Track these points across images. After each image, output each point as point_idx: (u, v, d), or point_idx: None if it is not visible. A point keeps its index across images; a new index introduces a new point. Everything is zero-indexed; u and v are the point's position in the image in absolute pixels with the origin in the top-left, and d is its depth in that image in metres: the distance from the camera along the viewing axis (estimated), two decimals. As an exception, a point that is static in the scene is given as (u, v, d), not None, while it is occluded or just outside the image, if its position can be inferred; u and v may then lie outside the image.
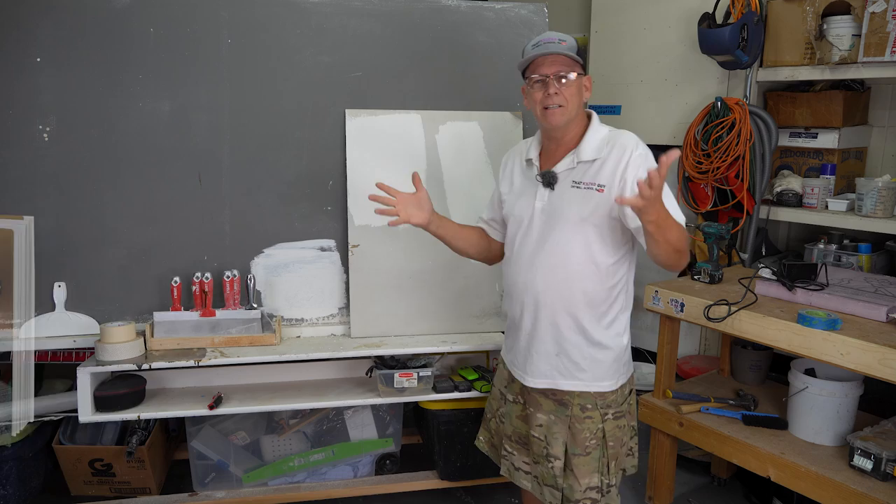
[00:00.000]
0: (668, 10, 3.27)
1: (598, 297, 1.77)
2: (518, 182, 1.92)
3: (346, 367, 2.62)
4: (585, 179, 1.73)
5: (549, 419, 1.84)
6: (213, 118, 2.49)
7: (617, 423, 1.82)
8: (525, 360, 1.87)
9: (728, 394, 2.61)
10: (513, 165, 1.97)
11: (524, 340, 1.87)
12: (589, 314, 1.77)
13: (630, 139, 1.73)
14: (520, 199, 1.88)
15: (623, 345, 1.83)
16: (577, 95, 1.74)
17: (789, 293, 2.27)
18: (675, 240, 1.61)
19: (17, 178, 2.35)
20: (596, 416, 1.80)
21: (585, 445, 1.80)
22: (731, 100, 2.89)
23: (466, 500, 2.74)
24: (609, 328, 1.80)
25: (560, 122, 1.74)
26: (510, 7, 2.74)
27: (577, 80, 1.73)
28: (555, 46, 1.71)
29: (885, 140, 2.97)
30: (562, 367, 1.81)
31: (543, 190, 1.80)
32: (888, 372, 1.84)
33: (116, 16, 2.41)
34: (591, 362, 1.79)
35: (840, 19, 2.66)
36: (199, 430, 2.60)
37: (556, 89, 1.71)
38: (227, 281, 2.41)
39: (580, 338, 1.78)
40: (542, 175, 1.80)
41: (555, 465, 1.82)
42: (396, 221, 1.89)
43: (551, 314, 1.79)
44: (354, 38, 2.59)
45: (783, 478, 2.17)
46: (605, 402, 1.81)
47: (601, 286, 1.76)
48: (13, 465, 2.48)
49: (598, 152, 1.74)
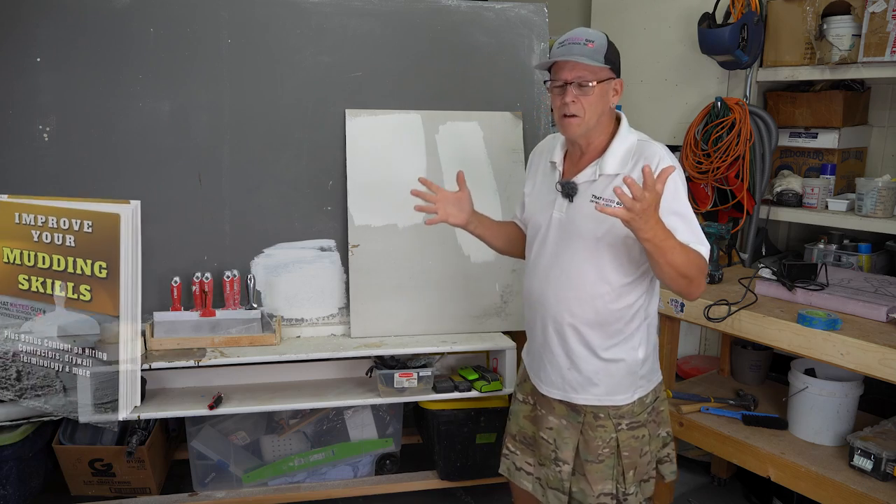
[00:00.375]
0: (668, 10, 3.27)
1: (611, 316, 1.69)
2: (539, 183, 1.84)
3: (346, 367, 2.62)
4: (605, 195, 1.62)
5: (561, 423, 1.80)
6: (213, 118, 2.48)
7: (633, 434, 1.75)
8: (539, 367, 1.83)
9: (728, 394, 2.61)
10: (538, 163, 1.87)
11: (539, 348, 1.82)
12: (602, 333, 1.70)
13: (655, 154, 1.61)
14: (539, 206, 1.80)
15: (638, 358, 1.74)
16: (600, 103, 1.62)
17: (789, 293, 2.27)
18: (681, 264, 1.51)
19: (17, 178, 2.35)
20: (609, 425, 1.74)
21: (598, 454, 1.74)
22: (731, 100, 2.89)
23: (466, 500, 2.74)
24: (622, 345, 1.72)
25: (576, 133, 1.65)
26: (510, 7, 2.74)
27: (601, 87, 1.61)
28: (578, 49, 1.58)
29: (885, 140, 2.97)
30: (574, 382, 1.75)
31: (562, 200, 1.71)
32: (888, 372, 1.84)
33: (116, 16, 2.41)
34: (603, 376, 1.72)
35: (840, 19, 2.66)
36: (199, 430, 2.60)
37: (574, 97, 1.60)
38: (227, 281, 2.41)
39: (589, 353, 1.72)
40: (562, 185, 1.71)
41: (563, 469, 1.78)
42: (434, 220, 1.80)
43: (562, 328, 1.73)
44: (354, 38, 2.59)
45: (783, 478, 2.17)
46: (618, 413, 1.74)
47: (615, 305, 1.68)
48: (13, 465, 2.48)
49: (622, 166, 1.63)
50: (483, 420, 2.58)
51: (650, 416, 1.79)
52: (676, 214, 1.58)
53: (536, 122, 2.74)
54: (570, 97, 1.60)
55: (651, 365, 1.80)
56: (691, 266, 1.53)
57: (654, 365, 1.82)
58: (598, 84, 1.61)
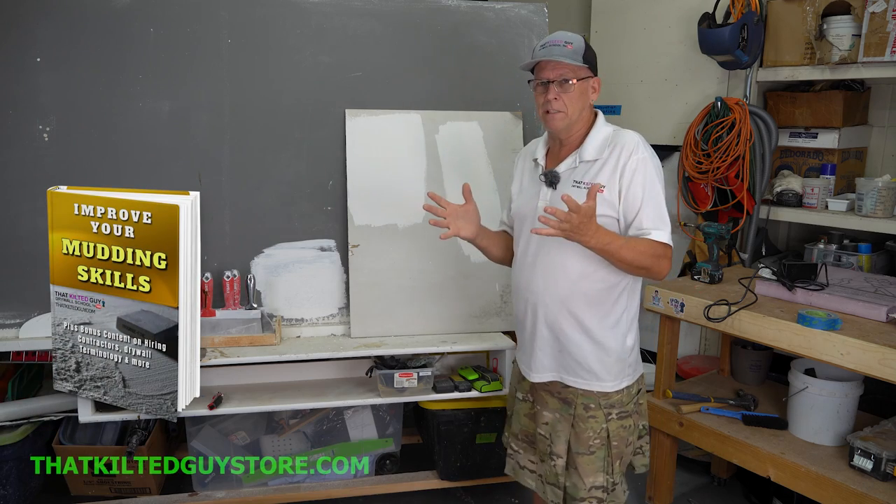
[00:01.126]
0: (668, 10, 3.27)
1: (599, 296, 1.77)
2: (526, 182, 1.93)
3: (346, 367, 2.62)
4: (586, 179, 1.74)
5: (554, 417, 1.85)
6: (213, 118, 2.49)
7: (622, 423, 1.82)
8: (530, 356, 1.88)
9: (728, 394, 2.61)
10: (523, 166, 1.97)
11: (528, 338, 1.88)
12: (590, 313, 1.77)
13: (630, 140, 1.73)
14: (525, 199, 1.89)
15: (628, 346, 1.83)
16: (580, 99, 1.75)
17: (789, 293, 2.27)
18: (631, 259, 1.65)
19: (17, 178, 2.36)
20: (600, 415, 1.80)
21: (589, 445, 1.80)
22: (731, 100, 2.89)
23: (466, 500, 2.74)
24: (613, 328, 1.79)
25: (560, 126, 1.76)
26: (510, 7, 2.74)
27: (581, 84, 1.74)
28: (558, 51, 1.71)
29: (885, 140, 2.97)
30: (565, 364, 1.82)
31: (546, 189, 1.81)
32: (888, 372, 1.84)
33: (116, 16, 2.41)
34: (593, 362, 1.79)
35: (840, 19, 2.66)
36: (199, 430, 2.60)
37: (556, 94, 1.72)
38: (227, 281, 2.41)
39: (583, 337, 1.78)
40: (545, 175, 1.82)
41: (557, 463, 1.83)
42: (447, 235, 1.86)
43: (553, 313, 1.80)
44: (354, 38, 2.59)
45: (783, 478, 2.17)
46: (608, 401, 1.80)
47: (601, 285, 1.76)
48: (13, 465, 2.48)
49: (599, 152, 1.75)
50: (483, 420, 2.58)
51: (635, 407, 1.86)
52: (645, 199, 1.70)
53: (536, 122, 2.73)
54: (553, 94, 1.73)
55: (636, 355, 1.88)
56: (644, 257, 1.67)
57: (638, 356, 1.90)
58: (578, 81, 1.73)
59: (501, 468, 2.10)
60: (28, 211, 2.34)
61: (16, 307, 2.35)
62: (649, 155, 1.73)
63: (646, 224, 1.70)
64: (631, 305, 1.83)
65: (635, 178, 1.69)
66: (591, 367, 1.79)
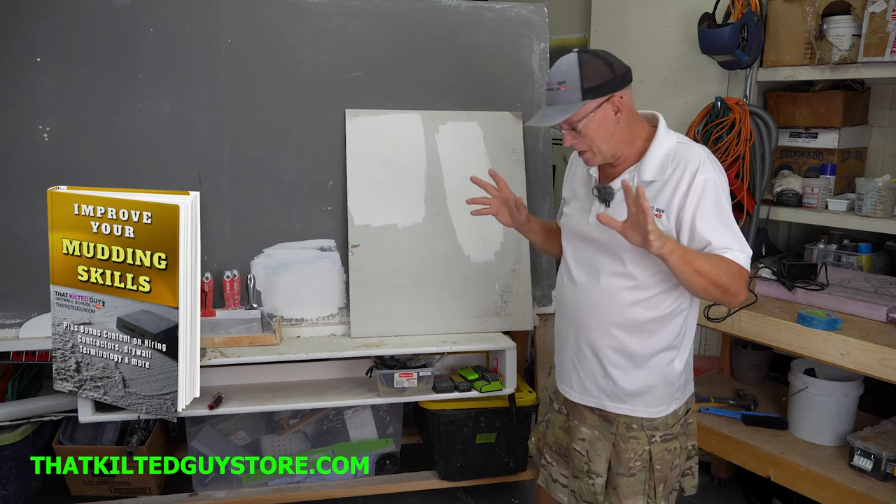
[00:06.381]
0: (668, 10, 3.27)
1: (647, 325, 1.65)
2: (578, 188, 1.80)
3: (346, 367, 2.62)
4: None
5: (593, 434, 1.76)
6: (213, 118, 2.48)
7: (666, 446, 1.71)
8: (570, 375, 1.79)
9: (728, 394, 2.61)
10: (576, 168, 1.83)
11: (569, 357, 1.79)
12: (635, 341, 1.67)
13: (694, 158, 1.56)
14: (576, 210, 1.77)
15: (676, 371, 1.69)
16: (602, 130, 1.58)
17: (789, 293, 2.27)
18: (708, 271, 1.46)
19: (17, 178, 2.35)
20: (642, 437, 1.70)
21: (630, 466, 1.70)
22: (731, 100, 2.89)
23: (466, 500, 2.74)
24: (658, 355, 1.67)
25: (598, 162, 1.64)
26: (510, 7, 2.74)
27: (594, 118, 1.57)
28: (552, 97, 1.59)
29: (885, 140, 2.97)
30: (608, 390, 1.71)
31: (598, 205, 1.68)
32: (888, 372, 1.84)
33: (116, 16, 2.41)
34: (638, 388, 1.68)
35: (840, 19, 2.66)
36: (199, 430, 2.60)
37: (573, 138, 1.61)
38: (227, 281, 2.41)
39: (627, 362, 1.68)
40: (598, 189, 1.68)
41: (596, 482, 1.74)
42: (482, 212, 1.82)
43: (596, 337, 1.70)
44: (354, 38, 2.59)
45: (783, 478, 2.17)
46: (652, 424, 1.70)
47: (650, 313, 1.64)
48: (13, 465, 2.48)
49: (660, 172, 1.59)
50: (483, 420, 2.58)
51: (682, 429, 1.75)
52: (715, 219, 1.54)
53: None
54: (570, 140, 1.62)
55: (686, 376, 1.76)
56: (722, 273, 1.48)
57: (689, 376, 1.78)
58: (587, 117, 1.57)
59: (501, 468, 2.09)
60: (28, 211, 2.34)
61: (16, 307, 2.35)
62: (716, 174, 1.56)
63: (720, 242, 1.52)
64: (687, 331, 1.70)
65: (703, 200, 1.52)
66: (637, 394, 1.69)
